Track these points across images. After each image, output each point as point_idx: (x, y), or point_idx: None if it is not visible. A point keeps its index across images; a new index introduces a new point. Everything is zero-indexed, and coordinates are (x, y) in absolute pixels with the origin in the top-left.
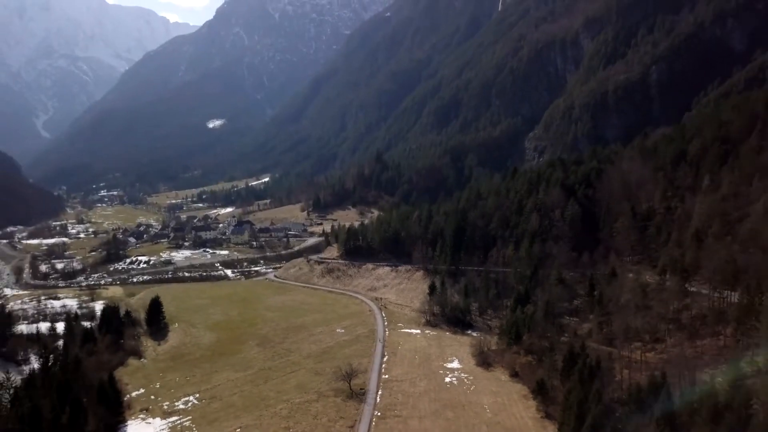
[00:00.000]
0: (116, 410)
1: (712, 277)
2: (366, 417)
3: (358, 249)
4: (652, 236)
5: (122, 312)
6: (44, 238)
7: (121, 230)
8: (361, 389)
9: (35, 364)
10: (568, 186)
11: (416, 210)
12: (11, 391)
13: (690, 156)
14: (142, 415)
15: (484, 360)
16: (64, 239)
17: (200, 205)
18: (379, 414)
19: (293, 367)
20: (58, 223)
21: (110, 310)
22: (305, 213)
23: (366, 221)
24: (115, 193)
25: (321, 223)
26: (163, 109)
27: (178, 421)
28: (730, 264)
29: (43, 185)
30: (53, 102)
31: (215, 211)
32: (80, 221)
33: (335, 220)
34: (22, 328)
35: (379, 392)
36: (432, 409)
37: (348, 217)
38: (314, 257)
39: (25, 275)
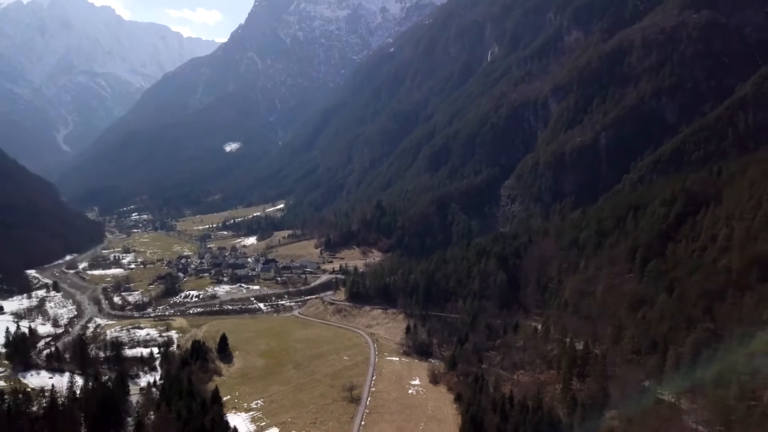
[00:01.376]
0: (221, 408)
1: (562, 331)
2: (360, 413)
3: (359, 294)
4: (547, 300)
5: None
6: (103, 269)
7: (165, 262)
8: (358, 397)
9: (144, 378)
10: (502, 257)
11: (401, 268)
12: (157, 396)
13: (580, 242)
14: (233, 411)
15: (434, 379)
16: (121, 270)
17: (225, 233)
18: (367, 411)
19: (317, 383)
20: (107, 251)
21: (198, 343)
22: (318, 250)
23: (368, 260)
24: (145, 216)
25: (332, 261)
26: (182, 132)
27: (255, 414)
28: (563, 328)
29: (75, 206)
30: (73, 116)
31: (239, 240)
32: (126, 250)
33: (343, 258)
34: (126, 351)
35: (369, 399)
36: (398, 409)
37: (353, 256)
38: (328, 298)
39: (104, 306)
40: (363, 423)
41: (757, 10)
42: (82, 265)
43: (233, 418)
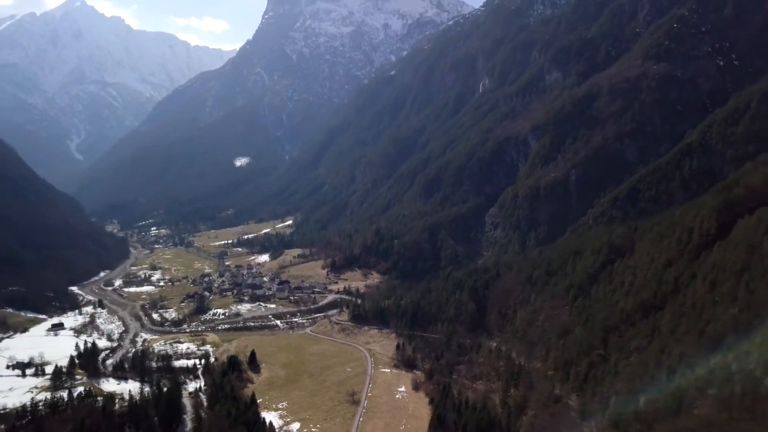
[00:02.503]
0: (257, 408)
1: (510, 351)
2: (359, 412)
3: (360, 315)
4: (505, 325)
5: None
6: (136, 286)
7: (190, 280)
8: (358, 400)
9: (191, 385)
10: (474, 288)
11: (394, 294)
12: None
13: (533, 278)
14: (266, 410)
15: (416, 387)
16: (153, 287)
17: (240, 249)
18: (365, 410)
19: (327, 389)
20: (136, 268)
21: (234, 357)
22: (325, 271)
23: (368, 282)
24: (163, 231)
25: (337, 282)
26: (194, 147)
27: (282, 412)
28: (511, 348)
29: (96, 219)
30: (85, 125)
31: (254, 257)
32: (153, 268)
33: (347, 280)
34: (174, 363)
35: (366, 401)
36: (387, 409)
37: (355, 278)
38: (334, 318)
39: (145, 322)
40: (361, 419)
41: (709, 62)
42: (117, 283)
43: (266, 415)
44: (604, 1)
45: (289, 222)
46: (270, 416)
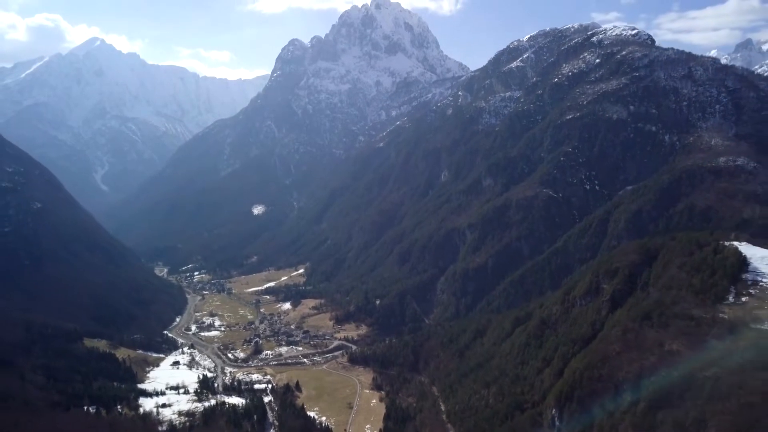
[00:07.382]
0: (305, 410)
1: (425, 383)
2: (353, 412)
3: (353, 359)
4: (427, 369)
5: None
6: (206, 331)
7: (241, 326)
8: (352, 406)
9: (265, 399)
10: (414, 346)
11: (373, 345)
12: (277, 406)
13: (443, 342)
14: (309, 412)
15: (381, 400)
16: (217, 332)
17: (267, 297)
18: (355, 411)
19: (337, 401)
20: (199, 314)
21: (287, 384)
22: (331, 323)
23: (359, 332)
24: (203, 276)
25: (339, 332)
26: (217, 196)
27: (316, 412)
28: (425, 381)
29: (144, 260)
30: (108, 158)
31: (279, 305)
32: (212, 314)
33: (346, 330)
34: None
35: (356, 407)
36: (366, 411)
37: (351, 329)
38: (339, 360)
39: (225, 359)
40: (353, 415)
41: (580, 187)
42: (193, 328)
43: (310, 413)
44: (527, 124)
45: (302, 270)
46: (311, 414)
